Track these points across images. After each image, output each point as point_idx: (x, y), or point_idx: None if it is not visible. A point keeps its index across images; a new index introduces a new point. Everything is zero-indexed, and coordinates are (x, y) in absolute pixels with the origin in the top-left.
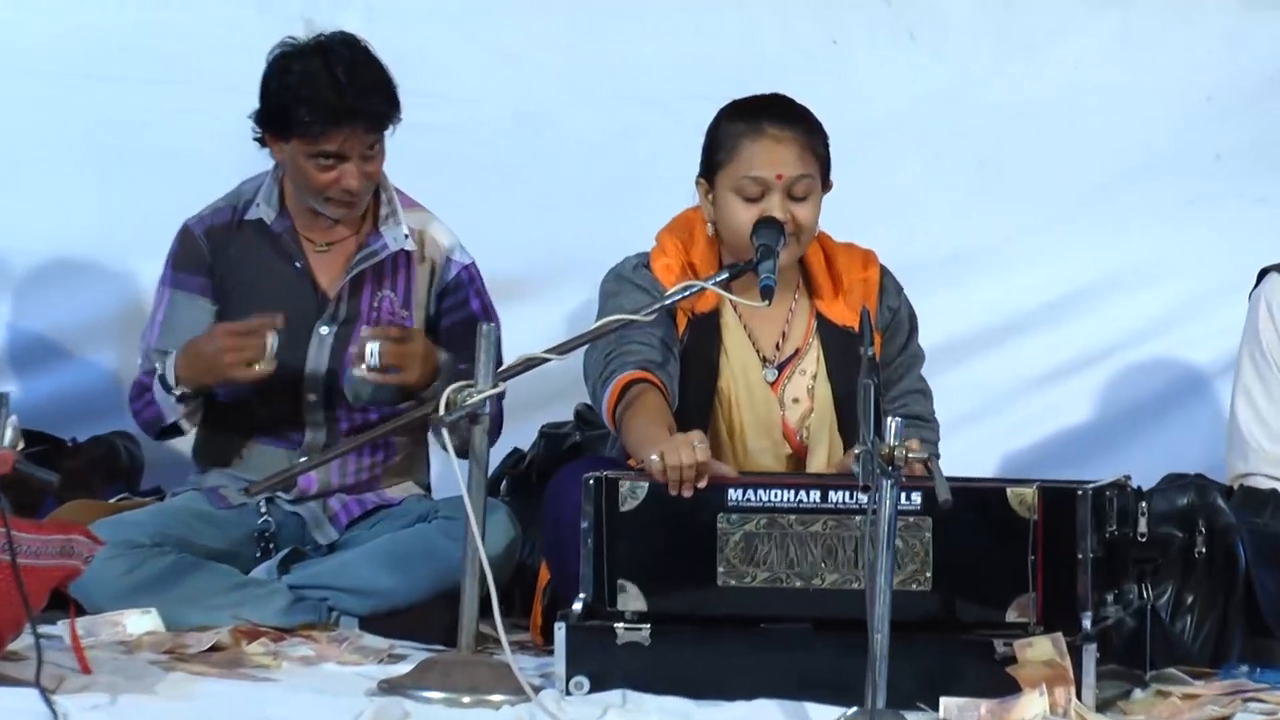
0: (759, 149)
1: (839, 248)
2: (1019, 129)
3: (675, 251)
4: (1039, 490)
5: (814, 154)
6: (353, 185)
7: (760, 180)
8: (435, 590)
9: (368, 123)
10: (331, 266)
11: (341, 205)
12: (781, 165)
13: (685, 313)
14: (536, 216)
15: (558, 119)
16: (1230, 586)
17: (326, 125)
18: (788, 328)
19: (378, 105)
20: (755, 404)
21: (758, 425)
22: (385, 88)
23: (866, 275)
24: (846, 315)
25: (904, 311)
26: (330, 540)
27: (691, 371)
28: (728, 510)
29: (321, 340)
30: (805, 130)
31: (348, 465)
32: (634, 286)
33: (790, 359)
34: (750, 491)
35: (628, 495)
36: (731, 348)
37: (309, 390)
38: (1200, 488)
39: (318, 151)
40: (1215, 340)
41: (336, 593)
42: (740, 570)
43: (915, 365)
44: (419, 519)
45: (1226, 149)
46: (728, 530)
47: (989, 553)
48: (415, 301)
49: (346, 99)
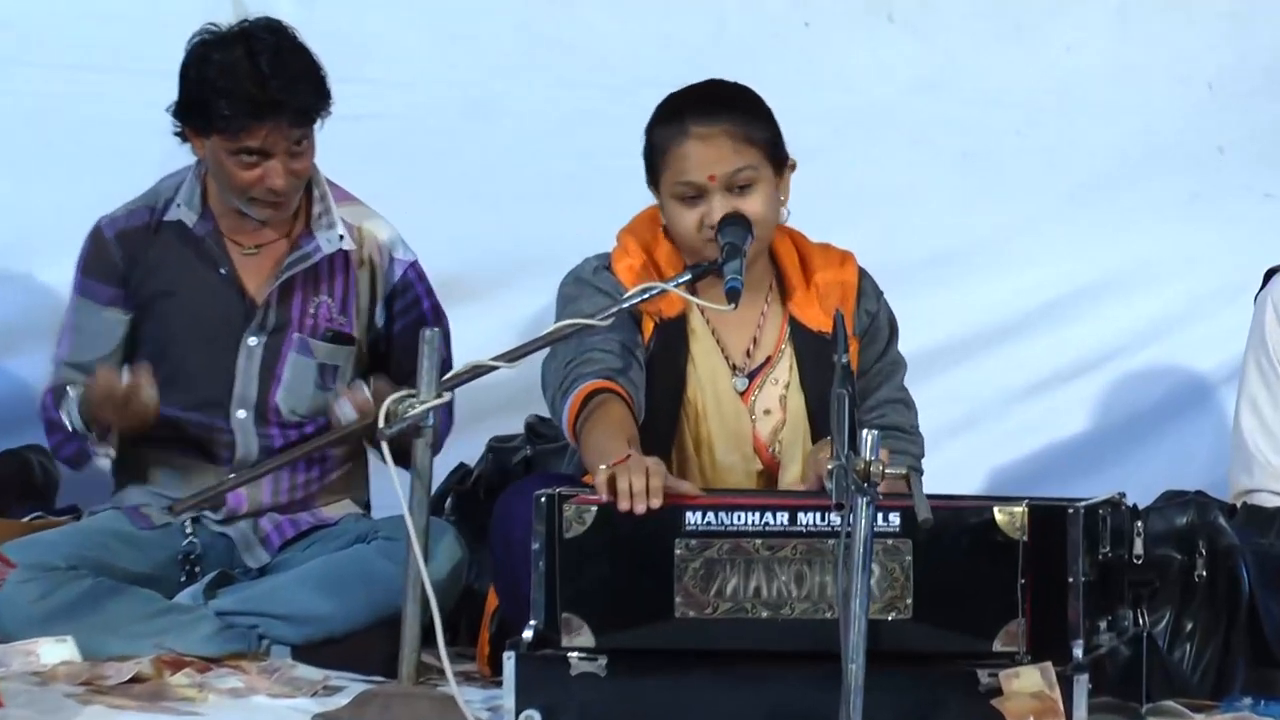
0: (686, 152)
1: (814, 248)
2: (1008, 118)
3: (638, 251)
4: (1028, 509)
5: (751, 141)
6: (278, 184)
7: (693, 184)
8: (374, 617)
9: (293, 117)
10: (260, 271)
11: (267, 206)
12: (712, 164)
13: (651, 318)
14: (485, 211)
15: (509, 105)
16: (1233, 612)
17: (248, 119)
18: (759, 333)
19: (304, 97)
20: (724, 415)
21: (727, 438)
22: (312, 78)
23: (843, 277)
24: (821, 319)
25: (883, 316)
26: (261, 563)
27: (657, 380)
28: (685, 534)
29: (250, 351)
30: (735, 119)
31: (280, 482)
32: (594, 290)
33: (761, 367)
34: (710, 513)
35: (573, 520)
36: (699, 355)
37: (238, 405)
38: (1201, 506)
39: (239, 148)
40: (1218, 346)
41: (267, 619)
42: (700, 600)
43: (895, 373)
44: (357, 540)
45: (1230, 140)
46: (686, 556)
47: (974, 577)
48: (355, 307)
49: (269, 91)
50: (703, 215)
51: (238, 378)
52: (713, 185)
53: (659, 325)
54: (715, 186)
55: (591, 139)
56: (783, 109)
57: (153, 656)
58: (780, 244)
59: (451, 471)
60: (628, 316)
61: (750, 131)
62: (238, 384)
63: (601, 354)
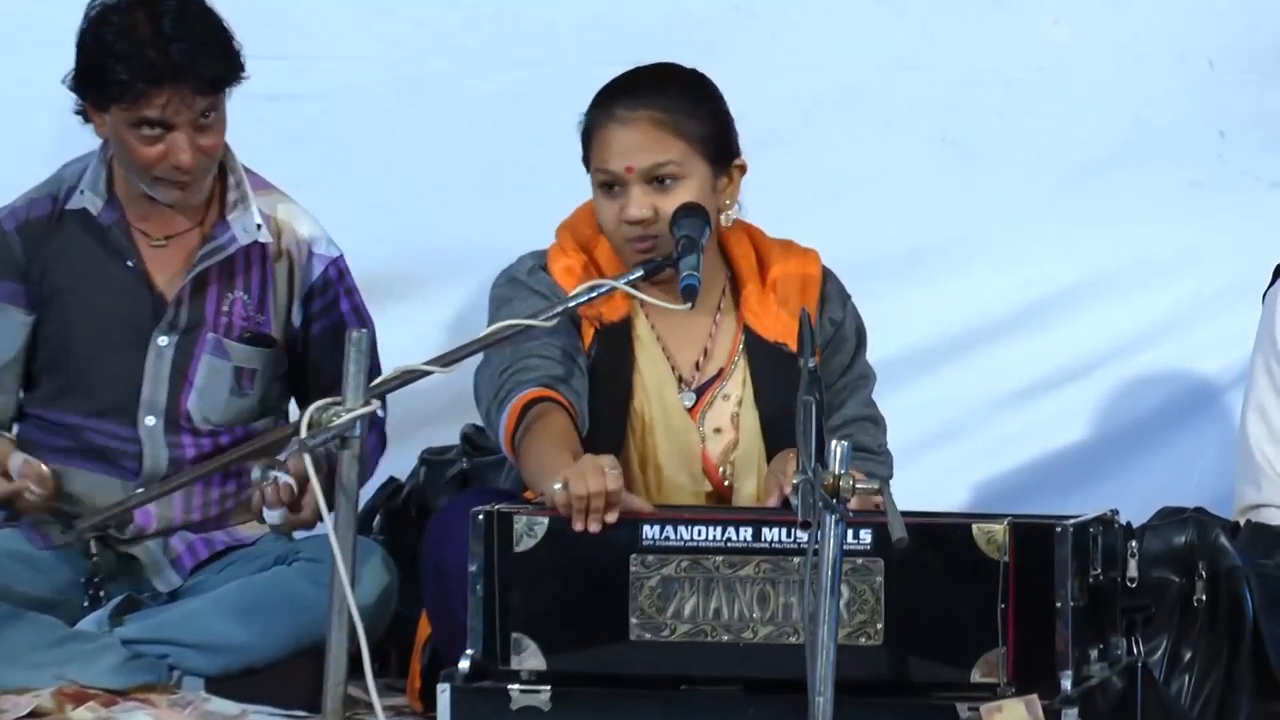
0: (606, 138)
1: (774, 246)
2: (990, 99)
3: (576, 251)
4: (1010, 526)
5: (680, 132)
6: (183, 160)
7: (610, 173)
8: (296, 646)
9: (196, 83)
10: (170, 264)
11: (173, 186)
12: (630, 154)
13: (591, 323)
14: (417, 201)
15: (443, 84)
16: (1235, 641)
17: (146, 85)
18: (710, 344)
19: (210, 63)
20: (673, 431)
21: (676, 456)
22: (221, 42)
23: (805, 281)
24: (778, 329)
25: (849, 325)
26: (172, 587)
27: (601, 391)
28: (642, 550)
29: (160, 352)
30: (664, 106)
31: (193, 498)
32: (530, 291)
33: (711, 382)
34: (668, 528)
35: (524, 533)
36: (645, 365)
37: (146, 411)
38: (1201, 524)
39: (139, 118)
40: (1222, 348)
41: (179, 648)
42: (657, 622)
43: (862, 388)
44: (277, 561)
45: (1234, 124)
46: (642, 574)
47: (951, 601)
48: (273, 304)
49: (171, 55)
50: (621, 208)
51: (146, 381)
52: (630, 177)
53: (600, 331)
54: (633, 179)
55: (535, 122)
56: (744, 90)
57: (53, 689)
58: (736, 244)
59: (380, 486)
60: (567, 321)
61: (681, 121)
62: (146, 388)
63: (540, 360)
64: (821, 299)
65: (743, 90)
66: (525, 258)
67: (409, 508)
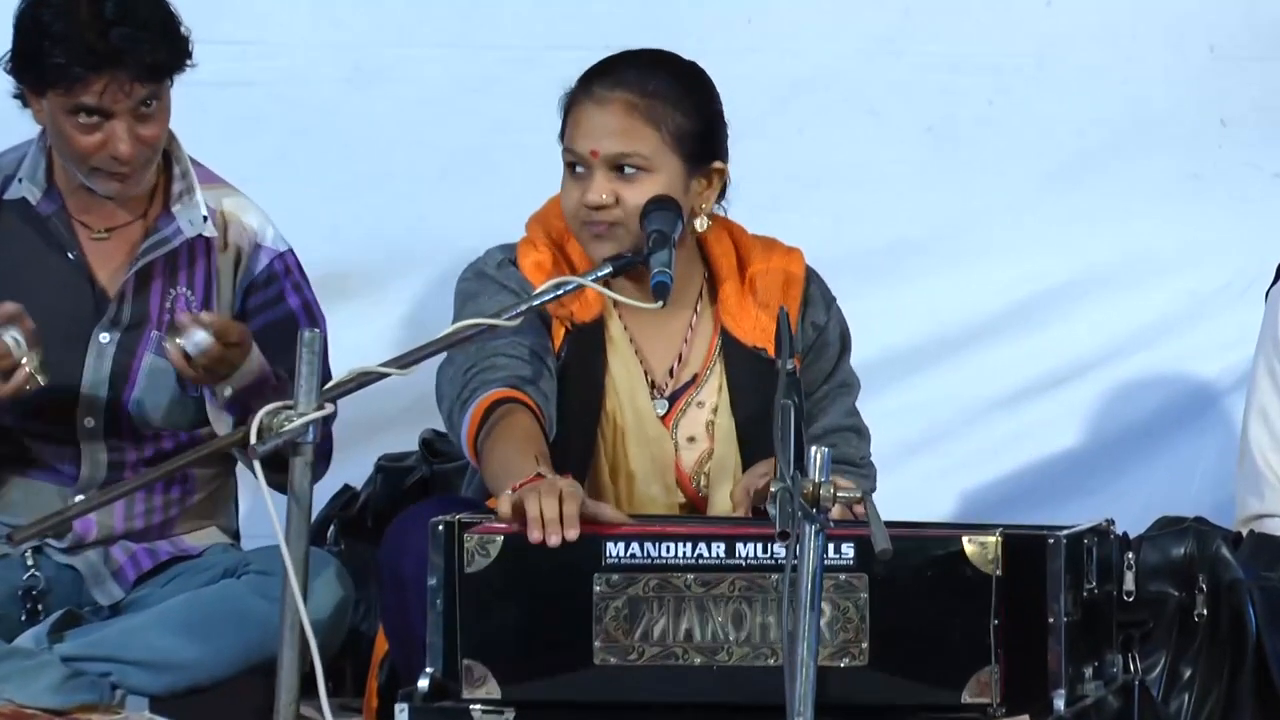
0: (579, 117)
1: (755, 244)
2: (978, 86)
3: (546, 245)
4: (1002, 538)
5: (654, 123)
6: (122, 150)
7: (574, 153)
8: (245, 663)
9: (136, 70)
10: (113, 258)
11: (111, 177)
12: (598, 137)
13: (562, 322)
14: (370, 193)
15: (398, 71)
16: (1237, 657)
17: (83, 70)
18: (685, 348)
19: (152, 49)
20: (646, 439)
21: (649, 465)
22: (165, 27)
23: (787, 281)
24: (757, 333)
25: (833, 329)
26: (114, 600)
27: (571, 394)
28: (605, 569)
29: (101, 349)
30: (643, 93)
31: (135, 506)
32: (498, 287)
33: (686, 388)
34: (634, 544)
35: (475, 551)
36: (617, 368)
37: (85, 412)
38: (1201, 535)
39: (75, 105)
40: (1223, 349)
41: (122, 666)
42: (623, 645)
43: (845, 396)
44: (225, 574)
45: (1235, 112)
46: (607, 594)
47: (940, 617)
48: (218, 300)
49: (110, 39)
50: (583, 191)
51: (85, 380)
52: (594, 161)
53: (571, 331)
54: (597, 163)
55: (494, 110)
56: (717, 75)
57: None
58: (715, 241)
59: (335, 495)
60: (536, 319)
61: (658, 111)
62: (85, 388)
63: (507, 359)
64: (804, 301)
65: (715, 75)
66: (494, 251)
67: (365, 517)
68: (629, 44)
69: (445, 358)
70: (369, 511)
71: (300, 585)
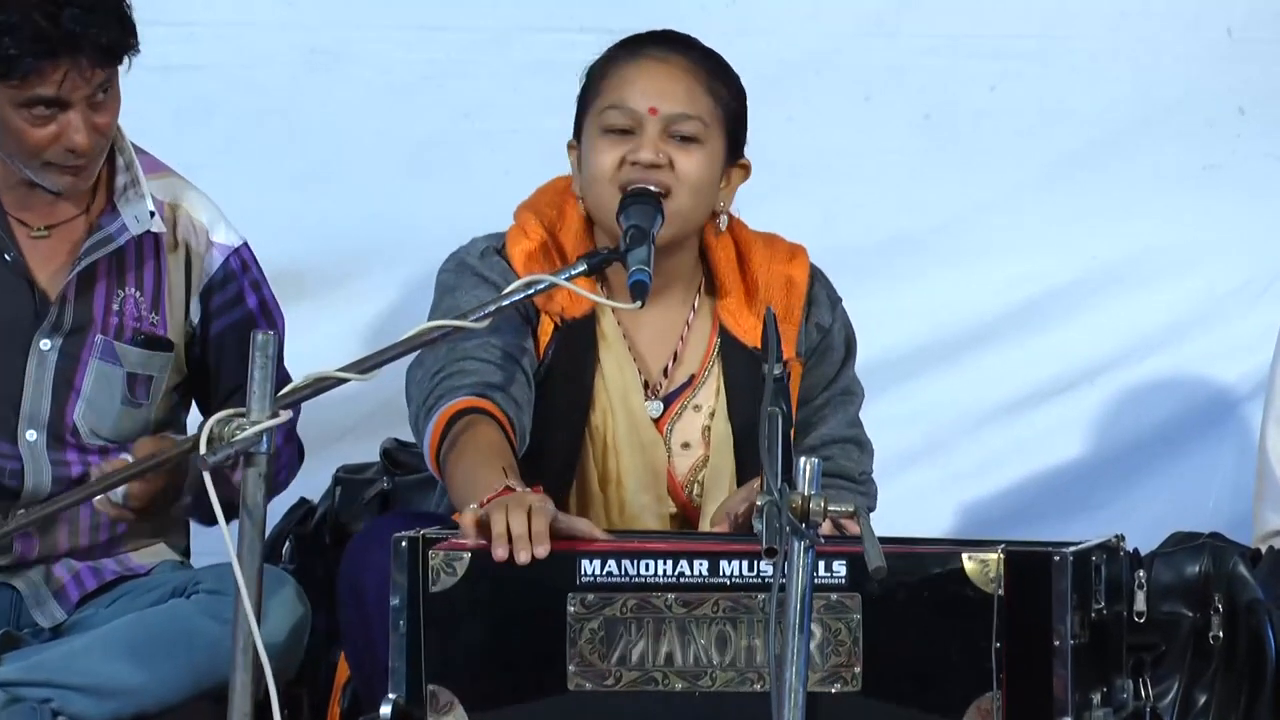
0: (630, 74)
1: (756, 240)
2: (979, 71)
3: (538, 231)
4: (1004, 555)
5: (713, 93)
6: (79, 141)
7: (628, 110)
8: (196, 689)
9: (94, 54)
10: (53, 258)
11: (66, 171)
12: (658, 95)
13: (552, 318)
14: (329, 185)
15: (359, 54)
16: (1256, 682)
17: (39, 59)
18: (681, 346)
19: (107, 31)
20: (638, 444)
21: (641, 473)
22: (115, 6)
23: (789, 285)
24: (757, 334)
25: (838, 332)
26: (55, 621)
27: (556, 397)
28: (580, 588)
29: (42, 358)
30: (702, 62)
31: (79, 522)
32: (478, 279)
33: (682, 390)
34: (610, 562)
35: (441, 569)
36: (610, 367)
37: (27, 425)
38: (1217, 551)
39: (31, 98)
40: (1240, 353)
41: (63, 691)
42: (599, 669)
43: (848, 405)
44: (174, 593)
45: (1253, 99)
46: (581, 615)
47: (938, 640)
48: (167, 302)
49: (63, 22)
50: (626, 153)
51: (27, 390)
52: (652, 119)
53: (561, 328)
54: (654, 122)
55: (463, 96)
56: None
57: None
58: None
59: (291, 509)
60: (517, 316)
61: (716, 83)
62: (27, 398)
63: (477, 363)
64: (808, 302)
65: None
66: (479, 240)
67: (323, 532)
68: (604, 25)
69: (415, 358)
70: (326, 526)
71: (253, 605)
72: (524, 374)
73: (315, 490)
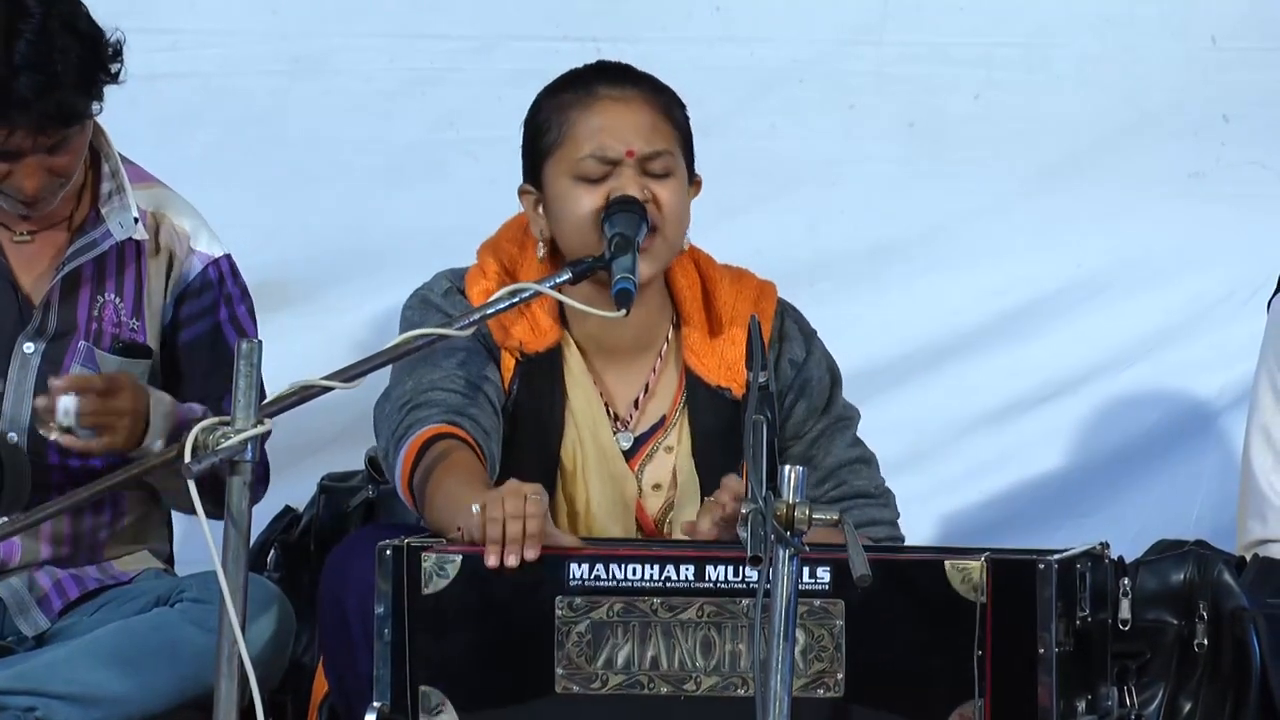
0: (596, 117)
1: (722, 275)
2: (964, 78)
3: (497, 273)
4: (988, 563)
5: (671, 120)
6: (27, 188)
7: (606, 159)
8: (180, 697)
9: (42, 121)
10: (37, 262)
11: (21, 204)
12: (631, 136)
13: (512, 354)
14: (311, 193)
15: (341, 63)
16: (1240, 690)
17: None
18: (652, 381)
19: (62, 97)
20: (609, 476)
21: (610, 504)
22: (82, 69)
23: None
24: (721, 371)
25: (815, 367)
26: (38, 630)
27: (526, 430)
28: (569, 591)
29: (25, 361)
30: (652, 91)
31: (62, 530)
32: (442, 317)
33: (654, 430)
34: (598, 566)
35: (433, 572)
36: (577, 400)
37: (8, 428)
38: (1201, 559)
39: None
40: (1224, 363)
41: (47, 700)
42: (586, 673)
43: (845, 430)
44: (158, 602)
45: (1238, 107)
46: (569, 618)
47: (921, 647)
48: (148, 307)
49: (16, 88)
50: (609, 192)
51: (8, 394)
52: (628, 161)
53: (522, 362)
54: (630, 164)
55: (444, 105)
56: (683, 67)
57: None
58: (681, 273)
59: (276, 517)
60: (482, 351)
61: (671, 109)
62: (8, 402)
63: (444, 394)
64: (779, 338)
65: (681, 67)
66: (441, 277)
67: (307, 541)
68: (586, 32)
69: (381, 394)
70: (311, 535)
71: (238, 613)
72: (490, 403)
73: (300, 498)
